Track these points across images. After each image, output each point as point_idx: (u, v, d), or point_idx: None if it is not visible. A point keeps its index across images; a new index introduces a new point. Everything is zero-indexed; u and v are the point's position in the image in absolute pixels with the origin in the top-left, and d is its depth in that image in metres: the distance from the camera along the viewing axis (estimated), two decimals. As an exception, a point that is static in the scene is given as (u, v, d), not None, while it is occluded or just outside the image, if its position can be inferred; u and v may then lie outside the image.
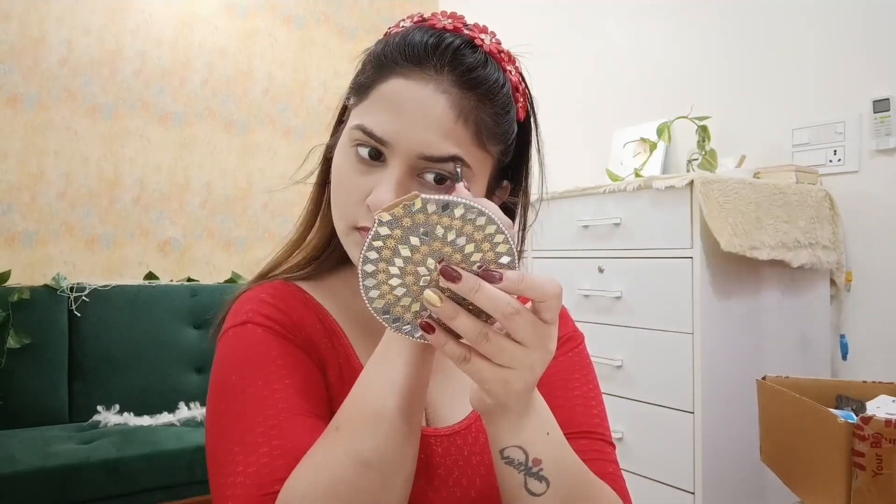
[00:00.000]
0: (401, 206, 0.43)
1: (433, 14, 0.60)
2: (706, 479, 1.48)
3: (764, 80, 1.97)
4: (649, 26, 2.33)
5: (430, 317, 0.46)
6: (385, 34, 0.61)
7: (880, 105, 1.70)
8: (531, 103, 0.63)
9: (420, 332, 0.46)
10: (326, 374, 0.61)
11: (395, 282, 0.45)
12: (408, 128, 0.55)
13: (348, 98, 0.64)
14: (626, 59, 2.41)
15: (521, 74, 0.62)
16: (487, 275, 0.43)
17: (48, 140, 2.47)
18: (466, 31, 0.58)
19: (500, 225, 0.43)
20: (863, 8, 1.76)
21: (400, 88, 0.56)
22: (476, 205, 0.43)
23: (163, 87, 2.71)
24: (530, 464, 0.50)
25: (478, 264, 0.44)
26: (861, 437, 0.97)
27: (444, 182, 0.56)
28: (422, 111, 0.55)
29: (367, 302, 0.47)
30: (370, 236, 0.44)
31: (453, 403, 0.64)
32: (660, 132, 2.01)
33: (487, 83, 0.56)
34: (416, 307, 0.46)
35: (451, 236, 0.43)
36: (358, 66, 0.63)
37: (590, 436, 0.65)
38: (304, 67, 3.08)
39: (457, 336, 0.45)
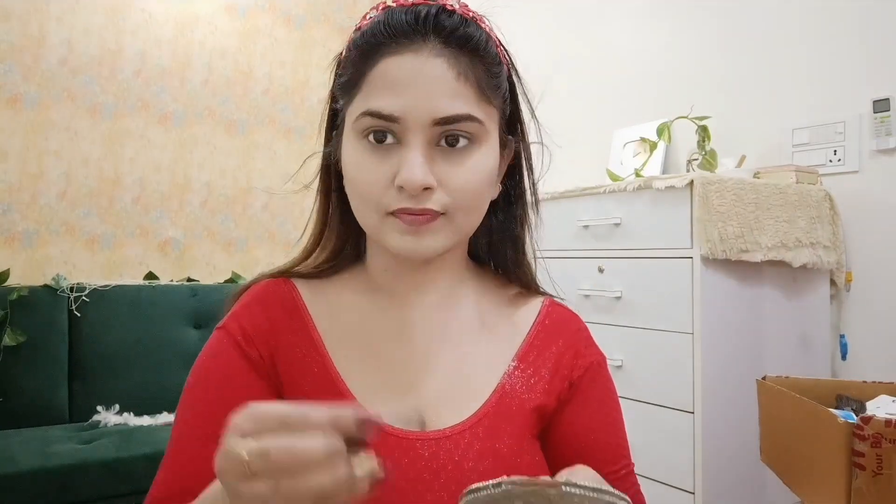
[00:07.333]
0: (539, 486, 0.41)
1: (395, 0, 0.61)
2: (706, 479, 1.48)
3: (764, 80, 1.97)
4: (649, 26, 2.33)
5: None
6: (355, 29, 0.62)
7: (880, 105, 1.70)
8: (509, 56, 0.65)
9: None
10: (300, 383, 0.62)
11: None
12: (415, 98, 0.55)
13: (336, 101, 0.64)
14: (626, 59, 2.41)
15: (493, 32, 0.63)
16: None
17: (48, 140, 2.47)
18: (433, 1, 0.59)
19: None
20: (862, 8, 1.76)
21: (393, 65, 0.56)
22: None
23: (163, 87, 2.71)
24: None
25: None
26: (861, 437, 0.97)
27: (455, 145, 0.58)
28: (423, 78, 0.56)
29: None
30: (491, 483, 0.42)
31: (450, 407, 0.63)
32: (660, 132, 2.01)
33: (473, 40, 0.58)
34: None
35: None
36: (333, 70, 0.63)
37: (629, 467, 0.69)
38: (304, 67, 3.08)
39: None
